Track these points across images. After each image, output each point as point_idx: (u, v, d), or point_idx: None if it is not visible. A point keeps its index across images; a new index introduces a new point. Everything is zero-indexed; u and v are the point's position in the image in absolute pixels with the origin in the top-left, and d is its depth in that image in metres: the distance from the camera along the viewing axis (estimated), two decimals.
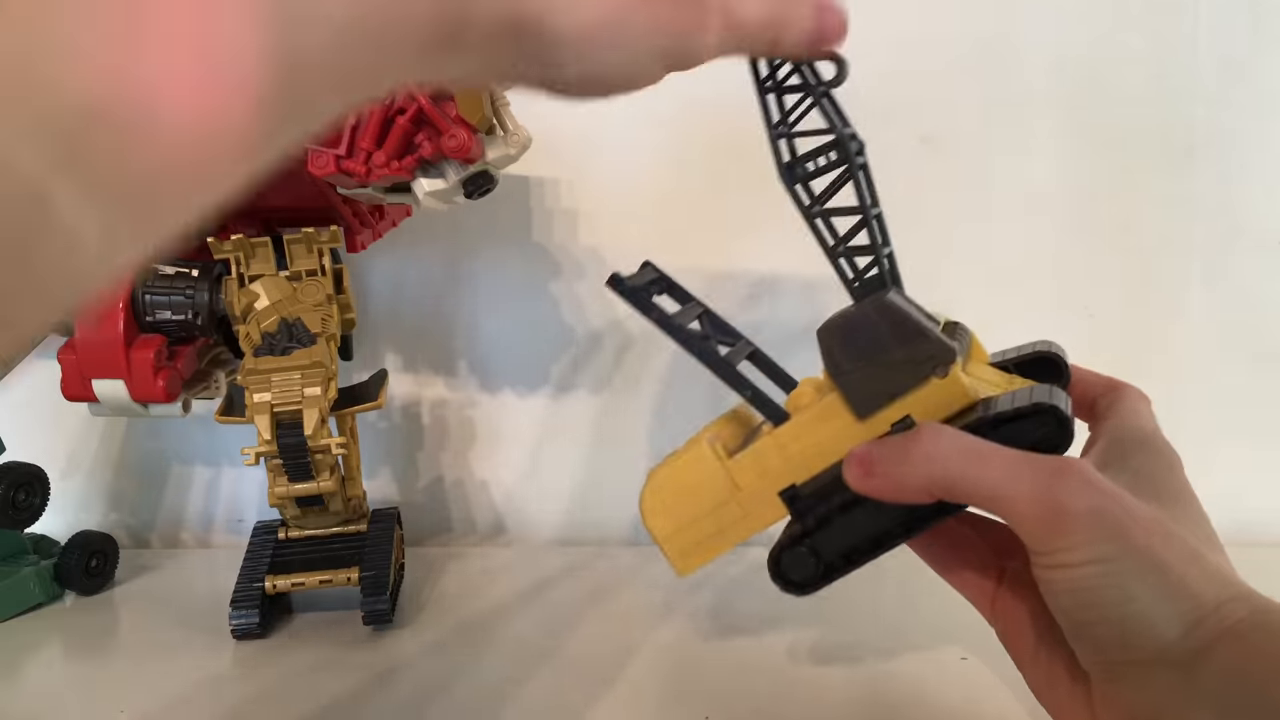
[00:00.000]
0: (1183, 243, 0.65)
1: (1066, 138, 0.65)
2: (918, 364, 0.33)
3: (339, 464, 0.52)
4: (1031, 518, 0.31)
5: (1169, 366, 0.67)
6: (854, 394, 0.34)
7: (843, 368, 0.34)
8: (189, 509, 0.74)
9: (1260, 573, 0.32)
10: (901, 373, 0.34)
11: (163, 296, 0.53)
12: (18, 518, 0.58)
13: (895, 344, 0.34)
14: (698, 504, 0.37)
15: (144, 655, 0.54)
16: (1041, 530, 0.31)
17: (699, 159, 0.67)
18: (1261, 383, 0.66)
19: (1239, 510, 0.65)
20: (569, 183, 0.68)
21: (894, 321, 0.34)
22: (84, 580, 0.60)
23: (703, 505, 0.37)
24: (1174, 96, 0.64)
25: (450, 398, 0.72)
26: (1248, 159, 0.64)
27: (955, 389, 0.34)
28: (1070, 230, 0.66)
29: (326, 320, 0.53)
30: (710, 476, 0.36)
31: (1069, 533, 0.30)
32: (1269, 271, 0.65)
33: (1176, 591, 0.30)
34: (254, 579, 0.55)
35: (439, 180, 0.48)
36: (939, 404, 0.34)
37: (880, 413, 0.34)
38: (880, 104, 0.68)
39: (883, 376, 0.34)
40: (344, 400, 0.56)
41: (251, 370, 0.50)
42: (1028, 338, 0.60)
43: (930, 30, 0.65)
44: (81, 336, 0.52)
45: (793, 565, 0.36)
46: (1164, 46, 0.64)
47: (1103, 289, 0.66)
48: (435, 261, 0.70)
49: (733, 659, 0.50)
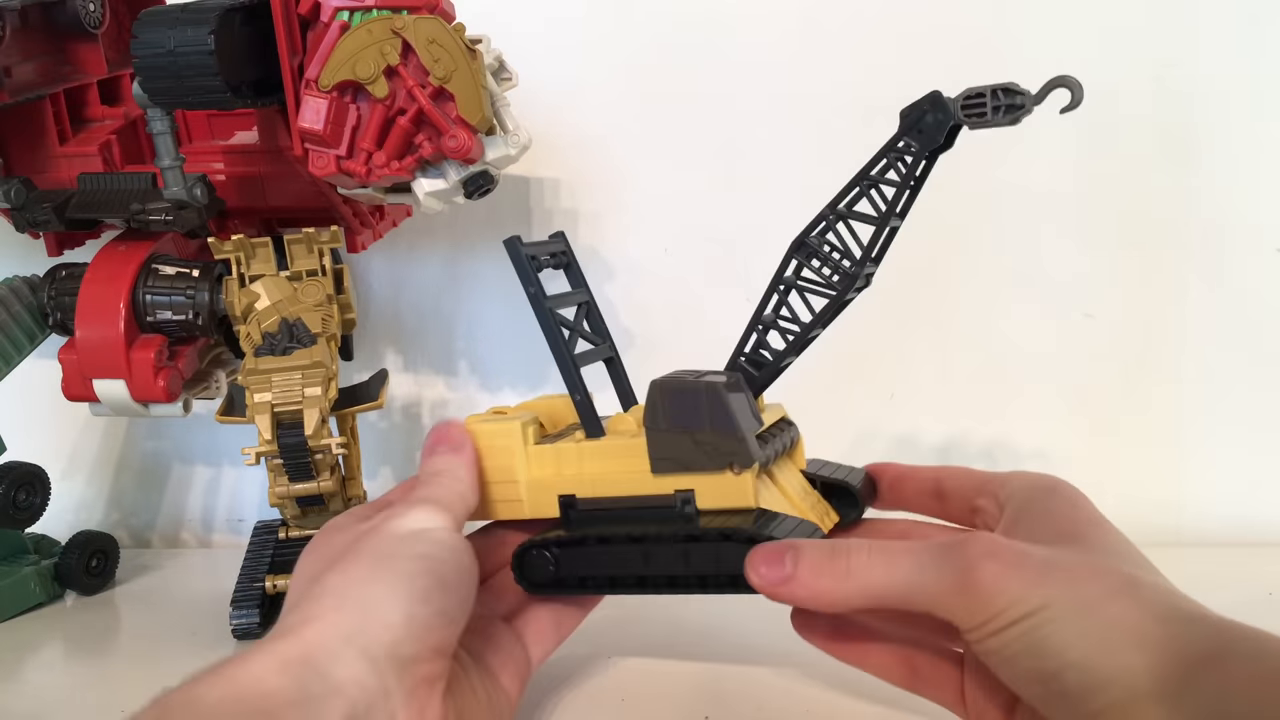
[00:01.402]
0: (1183, 243, 0.65)
1: (1067, 138, 0.65)
2: (720, 454, 0.36)
3: (339, 464, 0.52)
4: (949, 601, 0.31)
5: (1169, 366, 0.67)
6: (656, 450, 0.37)
7: (658, 423, 0.37)
8: (189, 509, 0.74)
9: (1260, 573, 0.32)
10: (703, 454, 0.36)
11: (163, 296, 0.53)
12: (18, 518, 0.58)
13: (709, 428, 0.36)
14: (492, 469, 0.40)
15: (144, 655, 0.54)
16: (963, 608, 0.31)
17: (699, 158, 0.67)
18: (1261, 383, 0.66)
19: (1239, 510, 0.66)
20: (569, 183, 0.68)
21: (717, 409, 0.36)
22: (84, 580, 0.60)
23: (494, 472, 0.40)
24: (1174, 97, 0.64)
25: (450, 398, 0.72)
26: (1248, 160, 0.64)
27: (742, 489, 0.36)
28: (1070, 231, 0.66)
29: (327, 320, 0.53)
30: (509, 453, 0.39)
31: (988, 601, 0.30)
32: (1269, 272, 0.65)
33: (1118, 623, 0.29)
34: (254, 579, 0.55)
35: (439, 180, 0.48)
36: (725, 494, 0.36)
37: (671, 476, 0.37)
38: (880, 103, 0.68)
39: (687, 448, 0.37)
40: (344, 400, 0.56)
41: (252, 370, 0.50)
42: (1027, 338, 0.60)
43: (930, 29, 0.65)
44: (82, 336, 0.52)
45: (533, 565, 0.39)
46: (1164, 47, 0.64)
47: (1103, 289, 0.66)
48: (435, 261, 0.70)
49: (733, 659, 0.50)
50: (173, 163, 0.51)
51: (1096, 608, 0.29)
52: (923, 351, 0.67)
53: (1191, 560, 0.39)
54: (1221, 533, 0.65)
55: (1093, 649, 0.29)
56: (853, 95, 0.65)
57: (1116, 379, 0.67)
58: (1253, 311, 0.66)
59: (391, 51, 0.45)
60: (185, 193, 0.51)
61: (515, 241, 0.40)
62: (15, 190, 0.52)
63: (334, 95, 0.46)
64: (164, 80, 0.46)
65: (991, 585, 0.30)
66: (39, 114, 0.55)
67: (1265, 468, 0.66)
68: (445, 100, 0.46)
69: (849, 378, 0.66)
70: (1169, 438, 0.67)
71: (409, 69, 0.45)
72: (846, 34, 0.65)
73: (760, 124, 0.67)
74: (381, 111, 0.46)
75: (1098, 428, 0.67)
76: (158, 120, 0.50)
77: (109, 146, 0.56)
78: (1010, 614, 0.30)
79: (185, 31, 0.45)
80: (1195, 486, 0.66)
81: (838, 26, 0.65)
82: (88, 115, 0.58)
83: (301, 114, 0.46)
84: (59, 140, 0.56)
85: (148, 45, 0.45)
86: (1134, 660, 0.28)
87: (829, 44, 0.65)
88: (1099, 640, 0.29)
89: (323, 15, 0.46)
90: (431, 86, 0.45)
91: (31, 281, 0.56)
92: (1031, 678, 0.30)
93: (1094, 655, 0.29)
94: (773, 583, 0.34)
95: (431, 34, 0.45)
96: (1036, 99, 0.33)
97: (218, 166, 0.56)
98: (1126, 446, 0.67)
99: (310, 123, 0.46)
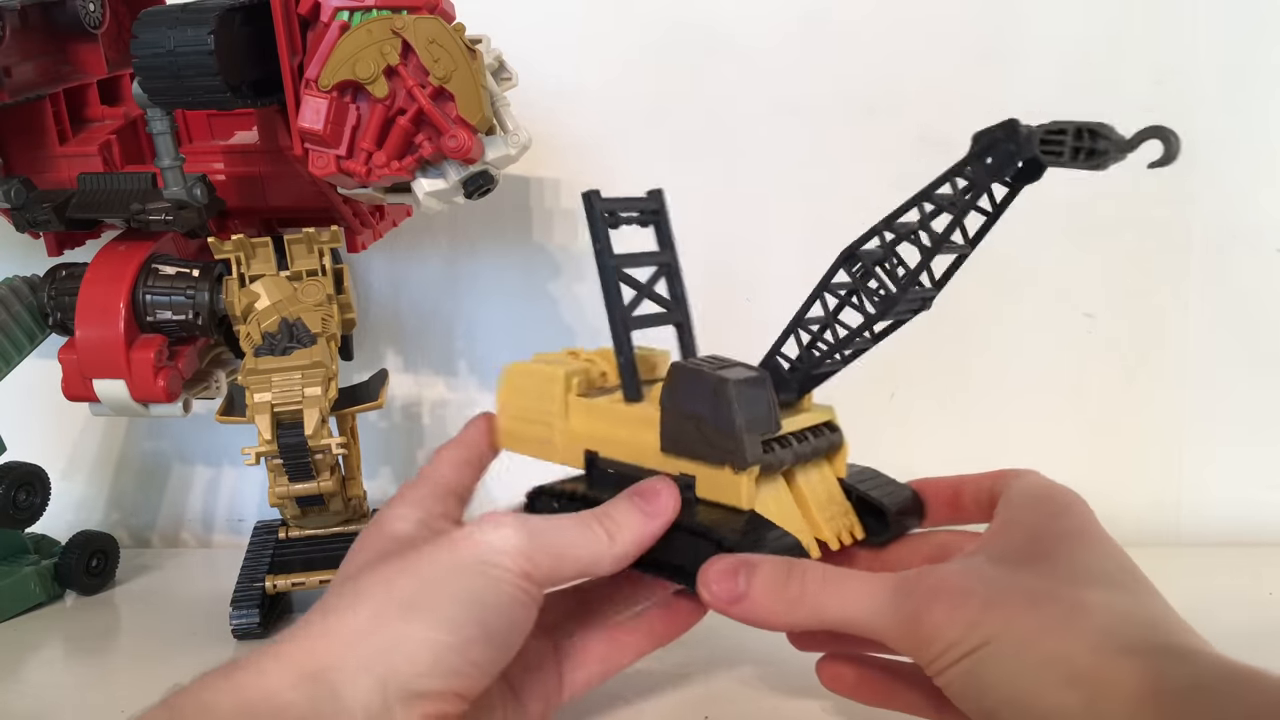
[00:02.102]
0: (1183, 243, 0.65)
1: None
2: (718, 449, 0.35)
3: (339, 464, 0.52)
4: (898, 639, 0.31)
5: (1169, 366, 0.67)
6: (667, 430, 0.37)
7: (669, 404, 0.36)
8: (189, 509, 0.74)
9: (1260, 572, 0.32)
10: (706, 444, 0.36)
11: (163, 296, 0.53)
12: (18, 518, 0.58)
13: (710, 422, 0.35)
14: (531, 408, 0.41)
15: (144, 655, 0.54)
16: (911, 648, 0.31)
17: (700, 158, 0.67)
18: (1261, 384, 0.66)
19: (1238, 510, 0.66)
20: (569, 183, 0.68)
21: (721, 404, 0.35)
22: (84, 580, 0.60)
23: (532, 412, 0.41)
24: (1175, 98, 0.64)
25: (450, 398, 0.72)
26: (1248, 161, 0.64)
27: (737, 488, 0.35)
28: (1070, 231, 0.66)
29: (327, 320, 0.53)
30: (551, 398, 0.40)
31: (932, 641, 0.30)
32: (1268, 273, 0.65)
33: (1053, 659, 0.28)
34: (254, 579, 0.55)
35: (439, 180, 0.48)
36: (723, 490, 0.36)
37: (675, 458, 0.37)
38: (880, 102, 0.68)
39: (692, 435, 0.36)
40: (344, 400, 0.56)
41: (252, 370, 0.50)
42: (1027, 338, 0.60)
43: (931, 29, 0.65)
44: (82, 336, 0.52)
45: (541, 508, 0.40)
46: (1165, 49, 0.64)
47: (1103, 290, 0.66)
48: (435, 261, 0.70)
49: (733, 659, 0.50)
50: (173, 163, 0.51)
51: (1033, 643, 0.29)
52: (923, 352, 0.67)
53: (1190, 560, 0.39)
54: (1221, 533, 0.65)
55: (1026, 687, 0.28)
56: (853, 95, 0.65)
57: (1116, 379, 0.67)
58: (1253, 312, 0.66)
59: (391, 51, 0.45)
60: (185, 193, 0.51)
61: (593, 196, 0.39)
62: (15, 190, 0.52)
63: (334, 95, 0.46)
64: (164, 80, 0.46)
65: (934, 627, 0.30)
66: (39, 114, 0.55)
67: (1265, 468, 0.66)
68: (445, 100, 0.46)
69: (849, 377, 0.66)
70: (1168, 438, 0.67)
71: (409, 69, 0.45)
72: (846, 34, 0.65)
73: (760, 124, 0.67)
74: (381, 111, 0.46)
75: (1097, 428, 0.67)
76: (157, 120, 0.50)
77: (109, 146, 0.56)
78: (953, 653, 0.30)
79: (185, 31, 0.45)
80: (1195, 487, 0.66)
81: (838, 26, 0.65)
82: (88, 115, 0.58)
83: (301, 114, 0.46)
84: (59, 140, 0.56)
85: (147, 45, 0.45)
86: (1066, 698, 0.28)
87: (829, 44, 0.65)
88: (1032, 678, 0.28)
89: (323, 15, 0.46)
90: (431, 86, 0.45)
91: (31, 281, 0.56)
92: (976, 714, 0.30)
93: (1027, 694, 0.28)
94: (723, 600, 0.33)
95: (431, 34, 0.45)
96: (1127, 146, 0.31)
97: (218, 166, 0.56)
98: (1126, 447, 0.67)
99: (310, 123, 0.46)
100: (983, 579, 0.31)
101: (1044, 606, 0.30)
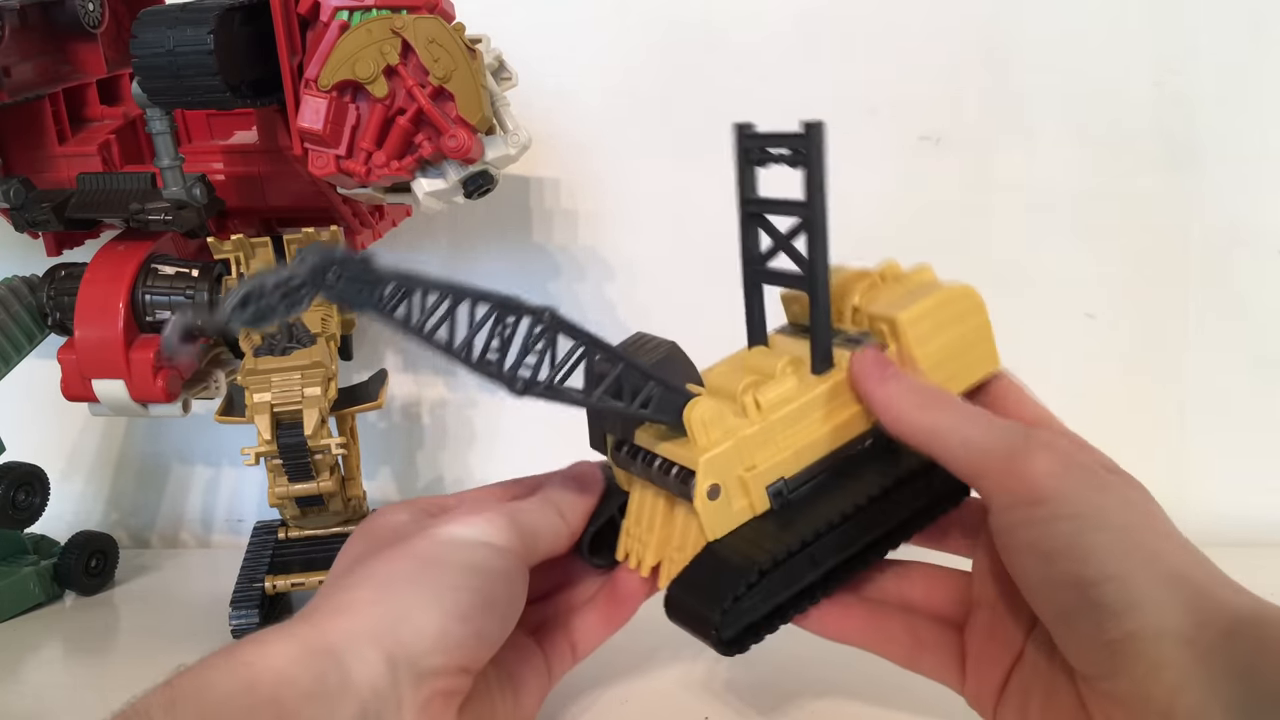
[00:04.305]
0: (1183, 243, 0.65)
1: (1067, 139, 0.65)
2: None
3: (339, 464, 0.52)
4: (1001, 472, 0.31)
5: (1169, 367, 0.67)
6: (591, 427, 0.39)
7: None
8: (189, 509, 0.74)
9: (1260, 573, 0.32)
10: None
11: (163, 296, 0.53)
12: (18, 518, 0.58)
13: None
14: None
15: (144, 655, 0.54)
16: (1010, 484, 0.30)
17: (699, 158, 0.67)
18: (1261, 385, 0.66)
19: (1240, 510, 0.66)
20: (569, 183, 0.68)
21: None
22: (84, 580, 0.60)
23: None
24: (1175, 100, 0.64)
25: (450, 398, 0.72)
26: (1248, 162, 0.64)
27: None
28: (1071, 231, 0.66)
29: (326, 320, 0.53)
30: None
31: (1038, 485, 0.30)
32: (1268, 274, 0.65)
33: (1165, 559, 0.28)
34: (254, 579, 0.55)
35: (439, 180, 0.48)
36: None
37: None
38: (880, 101, 0.68)
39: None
40: (344, 400, 0.56)
41: (251, 370, 0.50)
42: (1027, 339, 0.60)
43: (932, 29, 0.65)
44: (81, 336, 0.52)
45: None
46: (1166, 50, 0.64)
47: (1103, 290, 0.66)
48: (435, 261, 0.70)
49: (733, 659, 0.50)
50: (172, 162, 0.51)
51: (1147, 538, 0.29)
52: None
53: None
54: (1222, 533, 0.65)
55: (1136, 570, 0.28)
56: (853, 95, 0.65)
57: (1117, 379, 0.67)
58: (1253, 312, 0.66)
59: (391, 51, 0.45)
60: (184, 192, 0.51)
61: (741, 128, 0.36)
62: (14, 190, 0.52)
63: (333, 95, 0.46)
64: (163, 80, 0.46)
65: (1050, 477, 0.30)
66: (38, 114, 0.55)
67: (1266, 468, 0.66)
68: (445, 100, 0.46)
69: None
70: (1169, 438, 0.67)
71: (409, 68, 0.45)
72: (846, 34, 0.65)
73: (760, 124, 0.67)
74: (381, 111, 0.46)
75: (1098, 428, 0.67)
76: (157, 120, 0.50)
77: (108, 146, 0.56)
78: (1061, 508, 0.29)
79: (184, 31, 0.45)
80: (1196, 487, 0.66)
81: (838, 26, 0.65)
82: (87, 115, 0.58)
83: (301, 114, 0.46)
84: (58, 140, 0.56)
85: (147, 45, 0.45)
86: (1169, 596, 0.27)
87: (829, 44, 0.65)
88: (1143, 565, 0.28)
89: (322, 15, 0.46)
90: (431, 86, 0.45)
91: (31, 281, 0.56)
92: (1065, 581, 0.29)
93: (1137, 576, 0.28)
94: (869, 376, 0.34)
95: (431, 33, 0.45)
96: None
97: (217, 166, 0.56)
98: (1126, 447, 0.66)
99: (310, 122, 0.46)
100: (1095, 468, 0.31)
101: (1158, 520, 0.30)
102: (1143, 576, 0.28)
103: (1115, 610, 0.27)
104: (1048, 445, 0.31)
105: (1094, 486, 0.30)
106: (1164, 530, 0.30)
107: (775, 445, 0.35)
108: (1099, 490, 0.30)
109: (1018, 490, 0.30)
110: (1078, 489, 0.29)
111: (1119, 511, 0.29)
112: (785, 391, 0.35)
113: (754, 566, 0.33)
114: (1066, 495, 0.29)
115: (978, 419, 0.33)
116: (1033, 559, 0.30)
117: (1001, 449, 0.31)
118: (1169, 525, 0.30)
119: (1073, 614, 0.29)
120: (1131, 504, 0.30)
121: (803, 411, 0.35)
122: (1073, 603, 0.29)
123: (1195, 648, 0.26)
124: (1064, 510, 0.29)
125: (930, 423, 0.33)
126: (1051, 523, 0.29)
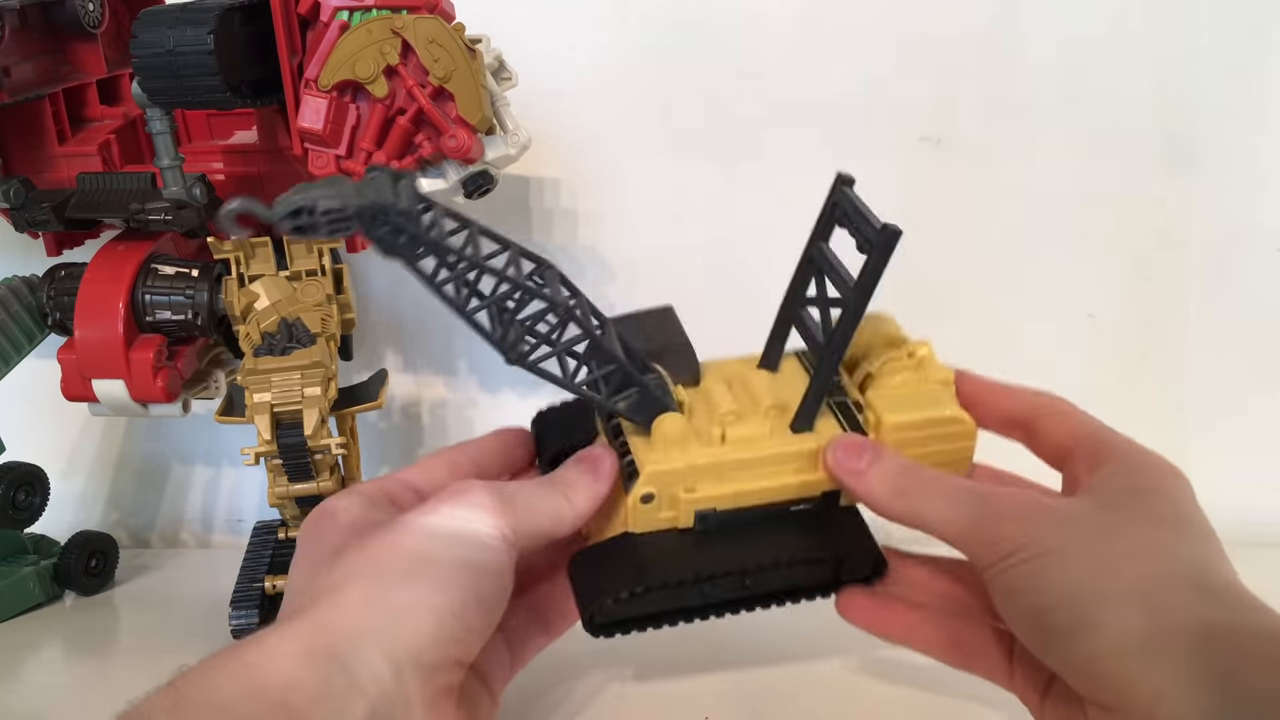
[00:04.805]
0: (1183, 243, 0.65)
1: (1068, 140, 0.65)
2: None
3: (339, 464, 0.52)
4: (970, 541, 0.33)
5: (1170, 367, 0.67)
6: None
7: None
8: (189, 509, 0.74)
9: (1260, 573, 0.32)
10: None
11: (163, 296, 0.53)
12: (18, 518, 0.58)
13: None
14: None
15: (144, 655, 0.54)
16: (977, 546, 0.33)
17: (700, 158, 0.67)
18: (1261, 385, 0.66)
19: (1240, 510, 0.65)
20: (569, 183, 0.68)
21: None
22: (84, 580, 0.60)
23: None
24: (1176, 101, 0.64)
25: (450, 398, 0.72)
26: (1248, 162, 0.64)
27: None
28: (1071, 232, 0.66)
29: (326, 320, 0.53)
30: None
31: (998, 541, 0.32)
32: (1268, 275, 0.65)
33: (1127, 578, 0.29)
34: (254, 579, 0.55)
35: (439, 180, 0.48)
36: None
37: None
38: (881, 102, 0.68)
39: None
40: (344, 400, 0.56)
41: (251, 370, 0.49)
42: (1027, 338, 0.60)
43: (933, 30, 0.65)
44: (81, 336, 0.52)
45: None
46: (1167, 52, 0.64)
47: (1103, 290, 0.66)
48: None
49: (732, 659, 0.50)
50: (172, 162, 0.51)
51: (1101, 557, 0.30)
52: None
53: None
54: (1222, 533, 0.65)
55: (1089, 589, 0.29)
56: (853, 95, 0.65)
57: (1117, 379, 0.67)
58: (1253, 312, 0.66)
59: (391, 51, 0.45)
60: (184, 192, 0.51)
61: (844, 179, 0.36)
62: (14, 190, 0.52)
63: (333, 95, 0.46)
64: (163, 80, 0.46)
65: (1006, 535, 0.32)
66: (38, 114, 0.55)
67: (1266, 468, 0.66)
68: (445, 100, 0.46)
69: None
70: (1170, 438, 0.66)
71: (409, 69, 0.45)
72: (847, 35, 0.65)
73: (760, 124, 0.67)
74: (381, 111, 0.46)
75: None
76: (157, 120, 0.50)
77: (108, 146, 0.56)
78: (1020, 555, 0.31)
79: (184, 31, 0.45)
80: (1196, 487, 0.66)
81: (838, 27, 0.65)
82: (87, 115, 0.58)
83: (301, 114, 0.46)
84: (58, 140, 0.56)
85: (147, 45, 0.45)
86: (1127, 610, 0.28)
87: (829, 44, 0.65)
88: (1095, 584, 0.29)
89: (322, 15, 0.46)
90: (431, 86, 0.45)
91: (30, 281, 0.56)
92: (1028, 613, 0.31)
93: (1088, 597, 0.29)
94: (843, 469, 0.35)
95: (431, 33, 0.45)
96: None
97: (217, 166, 0.56)
98: None
99: (310, 122, 0.46)
100: (1059, 502, 0.33)
101: (1118, 531, 0.31)
102: (1093, 599, 0.29)
103: (1072, 634, 0.29)
104: (1009, 501, 0.33)
105: (1056, 523, 0.31)
106: (1130, 548, 0.30)
107: (722, 480, 0.36)
108: (1061, 526, 0.31)
109: (990, 553, 0.32)
110: (1040, 532, 0.31)
111: (1085, 539, 0.31)
112: (755, 435, 0.37)
113: (645, 579, 0.35)
114: (1030, 541, 0.31)
115: (949, 495, 0.34)
116: (1007, 600, 0.32)
117: (969, 518, 0.33)
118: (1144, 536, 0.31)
119: (1045, 644, 0.31)
120: (1099, 528, 0.31)
121: (762, 463, 0.36)
122: (1039, 633, 0.31)
123: (1163, 659, 0.28)
124: (1029, 554, 0.31)
125: (909, 511, 0.35)
126: (1019, 566, 0.31)
